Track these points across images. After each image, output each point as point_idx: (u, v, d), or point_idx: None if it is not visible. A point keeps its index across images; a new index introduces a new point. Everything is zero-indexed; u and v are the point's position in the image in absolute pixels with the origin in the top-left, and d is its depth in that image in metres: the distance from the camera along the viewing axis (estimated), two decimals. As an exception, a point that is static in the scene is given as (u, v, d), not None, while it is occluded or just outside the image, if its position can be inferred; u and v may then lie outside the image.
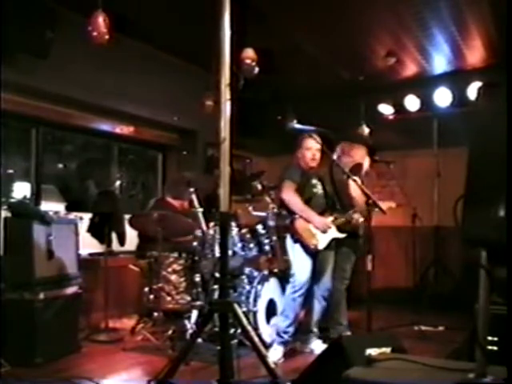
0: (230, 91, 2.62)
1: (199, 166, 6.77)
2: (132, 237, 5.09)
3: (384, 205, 4.24)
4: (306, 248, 4.15)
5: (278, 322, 4.25)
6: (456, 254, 6.23)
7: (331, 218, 4.24)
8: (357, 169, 4.68)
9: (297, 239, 4.18)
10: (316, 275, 4.24)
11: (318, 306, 4.33)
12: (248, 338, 2.71)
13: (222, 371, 2.55)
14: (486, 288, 1.78)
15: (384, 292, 6.08)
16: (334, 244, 4.30)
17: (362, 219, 4.39)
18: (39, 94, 5.01)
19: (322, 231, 4.16)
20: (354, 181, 4.05)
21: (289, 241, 4.27)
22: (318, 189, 4.35)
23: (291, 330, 4.16)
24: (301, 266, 4.15)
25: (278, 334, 4.16)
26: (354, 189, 4.58)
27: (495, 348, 2.77)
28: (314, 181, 4.35)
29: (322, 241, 4.18)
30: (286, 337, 4.13)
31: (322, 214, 4.23)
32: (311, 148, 4.26)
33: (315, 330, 4.36)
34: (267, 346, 4.05)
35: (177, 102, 6.25)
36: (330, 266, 4.34)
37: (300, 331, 4.36)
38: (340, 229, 4.27)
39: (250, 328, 2.64)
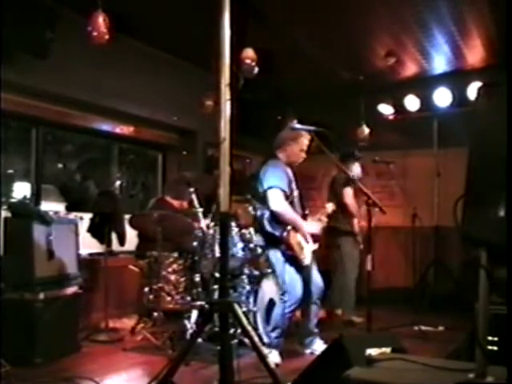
0: (230, 91, 2.62)
1: (199, 166, 6.77)
2: (132, 237, 5.09)
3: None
4: (296, 263, 4.02)
5: (271, 336, 4.04)
6: (456, 254, 6.23)
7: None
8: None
9: (289, 255, 4.00)
10: (308, 284, 4.16)
11: (316, 308, 4.30)
12: (248, 338, 2.71)
13: (222, 371, 2.55)
14: (485, 288, 1.78)
15: (384, 292, 6.08)
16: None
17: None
18: (39, 94, 5.01)
19: (307, 243, 4.09)
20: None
21: (278, 257, 4.04)
22: (295, 189, 4.20)
23: (282, 338, 4.07)
24: (294, 282, 4.01)
25: (270, 345, 3.98)
26: None
27: (495, 348, 2.77)
28: (293, 183, 4.18)
29: (308, 255, 4.10)
30: (279, 344, 4.04)
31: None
32: (304, 149, 4.18)
33: (316, 330, 4.34)
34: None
35: (177, 102, 6.25)
36: (315, 268, 4.28)
37: (301, 333, 4.33)
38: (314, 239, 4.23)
39: (250, 328, 2.64)
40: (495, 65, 5.93)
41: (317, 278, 4.26)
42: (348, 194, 5.55)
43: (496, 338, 2.77)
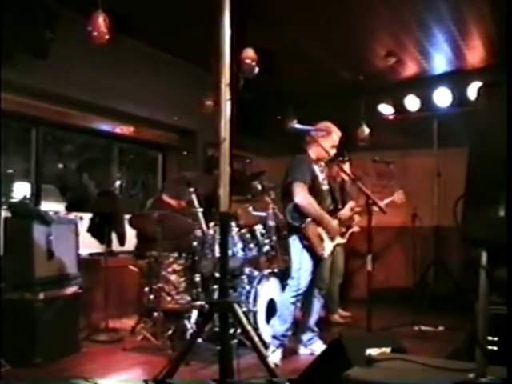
0: (230, 91, 2.62)
1: (199, 166, 6.77)
2: (132, 237, 5.09)
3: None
4: (312, 254, 4.05)
5: (276, 325, 4.11)
6: (456, 254, 6.23)
7: (336, 221, 4.20)
8: None
9: (306, 245, 4.03)
10: (317, 276, 4.20)
11: (318, 305, 4.31)
12: (248, 338, 2.71)
13: (222, 371, 2.55)
14: (485, 288, 1.78)
15: (384, 292, 6.08)
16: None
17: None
18: (39, 93, 5.01)
19: (331, 238, 4.12)
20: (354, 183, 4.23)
21: (296, 244, 4.07)
22: (325, 184, 4.26)
23: (289, 333, 4.09)
24: (305, 271, 4.03)
25: (275, 337, 4.05)
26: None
27: (495, 348, 2.77)
28: (322, 175, 4.25)
29: (328, 248, 4.13)
30: (284, 340, 4.06)
31: (330, 214, 4.18)
32: (335, 145, 4.23)
33: (316, 329, 4.34)
34: (267, 346, 4.03)
35: (177, 102, 6.24)
36: (328, 264, 4.37)
37: (301, 332, 4.32)
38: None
39: (250, 328, 2.64)
40: (495, 65, 5.93)
41: (324, 271, 4.27)
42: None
43: (496, 338, 2.77)
